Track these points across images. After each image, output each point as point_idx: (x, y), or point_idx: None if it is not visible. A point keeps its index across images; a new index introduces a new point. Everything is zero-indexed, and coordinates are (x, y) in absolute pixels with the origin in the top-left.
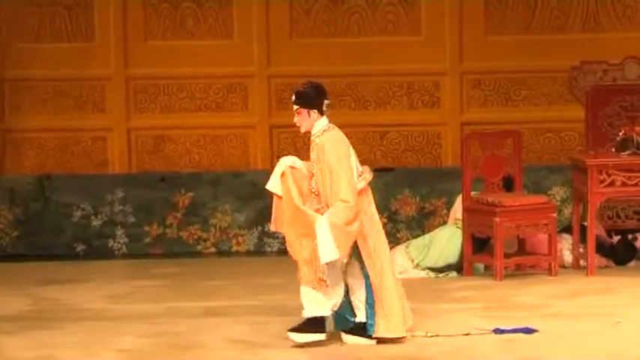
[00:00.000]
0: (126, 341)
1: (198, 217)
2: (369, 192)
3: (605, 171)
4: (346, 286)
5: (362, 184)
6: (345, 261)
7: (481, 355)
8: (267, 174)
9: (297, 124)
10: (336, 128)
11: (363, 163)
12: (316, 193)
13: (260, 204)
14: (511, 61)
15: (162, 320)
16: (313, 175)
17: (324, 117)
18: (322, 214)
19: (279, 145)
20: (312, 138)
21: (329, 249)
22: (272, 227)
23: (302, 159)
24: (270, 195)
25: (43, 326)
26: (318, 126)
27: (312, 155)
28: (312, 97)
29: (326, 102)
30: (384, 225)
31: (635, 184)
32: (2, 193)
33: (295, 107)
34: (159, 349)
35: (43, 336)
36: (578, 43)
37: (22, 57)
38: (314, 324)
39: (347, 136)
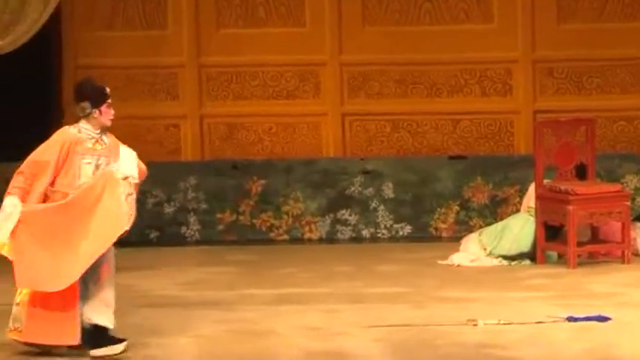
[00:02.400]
0: (200, 327)
1: (270, 204)
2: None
3: None
4: None
5: None
6: None
7: (554, 342)
8: (339, 162)
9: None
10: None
11: (436, 150)
12: None
13: (332, 192)
14: (584, 49)
15: (235, 307)
16: None
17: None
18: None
19: (351, 132)
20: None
21: None
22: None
23: (372, 147)
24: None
25: (118, 313)
26: None
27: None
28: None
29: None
30: (457, 213)
31: None
32: None
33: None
34: (233, 335)
35: (118, 322)
36: None
37: (95, 45)
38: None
39: (420, 123)
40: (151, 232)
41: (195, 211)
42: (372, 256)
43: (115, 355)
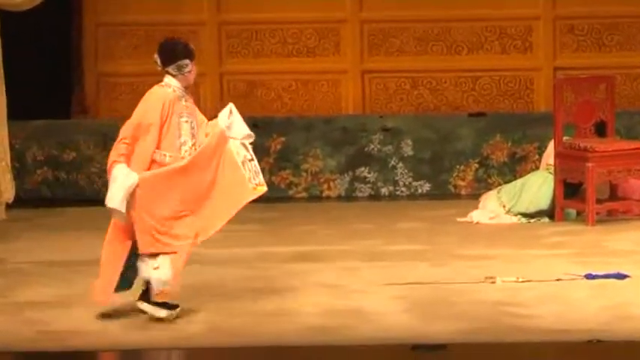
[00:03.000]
0: (220, 285)
1: (289, 162)
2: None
3: None
4: None
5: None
6: None
7: (573, 300)
8: (358, 119)
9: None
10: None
11: (456, 108)
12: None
13: (351, 150)
14: (604, 5)
15: (254, 264)
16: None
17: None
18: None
19: (371, 90)
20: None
21: None
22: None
23: (392, 105)
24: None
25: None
26: None
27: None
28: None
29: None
30: (476, 170)
31: None
32: (96, 138)
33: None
34: (252, 293)
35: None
36: None
37: (116, 2)
38: None
39: (440, 81)
40: None
41: None
42: (390, 214)
43: (156, 317)
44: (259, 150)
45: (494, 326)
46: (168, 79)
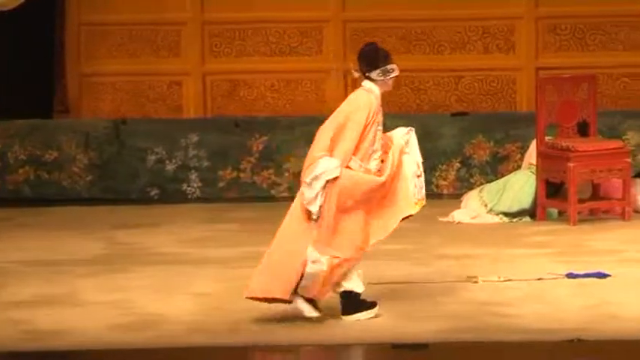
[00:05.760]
0: (200, 285)
1: (272, 161)
2: None
3: None
4: None
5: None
6: None
7: (554, 299)
8: None
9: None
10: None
11: (438, 107)
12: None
13: None
14: (587, 5)
15: (236, 264)
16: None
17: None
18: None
19: (354, 89)
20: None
21: None
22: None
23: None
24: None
25: (118, 270)
26: None
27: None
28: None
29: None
30: (458, 170)
31: None
32: (78, 137)
33: None
34: (233, 293)
35: (118, 280)
36: None
37: (99, 1)
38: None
39: (422, 80)
40: (152, 189)
41: (196, 169)
42: None
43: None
44: (242, 149)
45: (476, 325)
46: (369, 85)
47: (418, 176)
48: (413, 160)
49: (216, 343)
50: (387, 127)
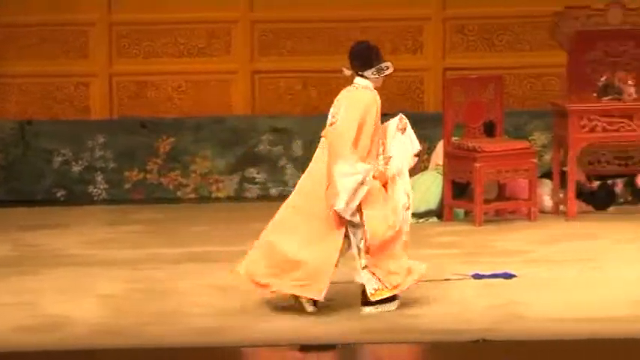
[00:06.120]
0: (106, 287)
1: (178, 162)
2: None
3: (586, 116)
4: None
5: None
6: None
7: (460, 300)
8: (248, 119)
9: None
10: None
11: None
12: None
13: (240, 150)
14: (494, 6)
15: (142, 266)
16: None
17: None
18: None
19: (261, 90)
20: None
21: None
22: None
23: (282, 105)
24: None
25: (24, 272)
26: None
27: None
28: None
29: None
30: None
31: (616, 130)
32: None
33: None
34: (138, 294)
35: (24, 281)
36: None
37: (7, 3)
38: None
39: (329, 81)
40: (58, 190)
41: (102, 170)
42: None
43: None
44: (148, 151)
45: (383, 326)
46: (365, 83)
47: (407, 209)
48: (403, 191)
49: (121, 345)
50: (289, 130)
